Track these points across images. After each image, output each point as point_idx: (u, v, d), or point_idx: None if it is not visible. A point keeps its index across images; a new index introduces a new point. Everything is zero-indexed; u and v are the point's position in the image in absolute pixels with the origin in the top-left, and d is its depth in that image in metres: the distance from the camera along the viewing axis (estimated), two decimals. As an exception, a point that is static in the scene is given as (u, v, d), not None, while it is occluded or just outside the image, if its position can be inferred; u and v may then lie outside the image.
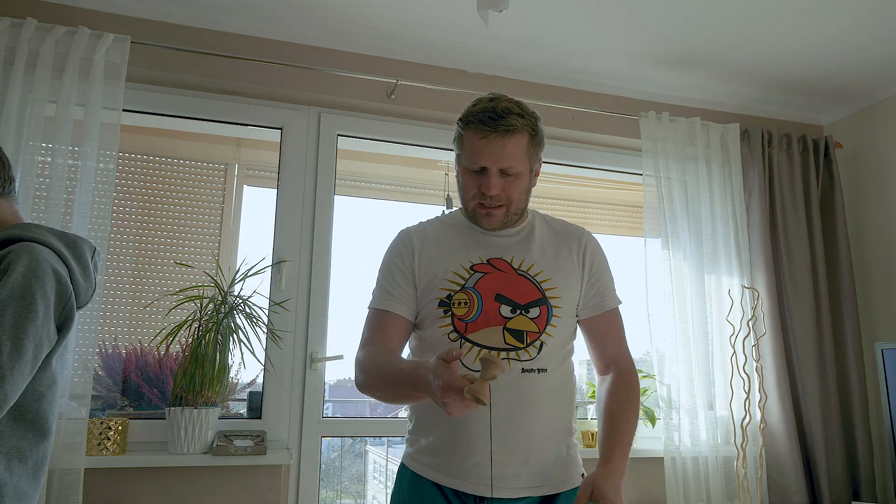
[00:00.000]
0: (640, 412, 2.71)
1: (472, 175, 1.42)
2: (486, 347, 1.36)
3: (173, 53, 2.39)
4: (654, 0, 2.37)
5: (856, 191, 3.18)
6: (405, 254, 1.48)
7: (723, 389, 2.74)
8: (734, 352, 2.73)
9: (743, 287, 2.82)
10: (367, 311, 1.49)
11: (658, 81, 2.99)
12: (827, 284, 2.98)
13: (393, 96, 2.63)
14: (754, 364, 2.75)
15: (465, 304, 1.39)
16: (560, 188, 3.17)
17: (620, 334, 1.53)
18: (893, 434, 2.58)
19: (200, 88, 2.52)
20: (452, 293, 1.41)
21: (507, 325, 1.38)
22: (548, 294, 1.42)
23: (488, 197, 1.40)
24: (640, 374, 2.71)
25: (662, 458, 2.63)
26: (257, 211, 2.67)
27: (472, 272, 1.43)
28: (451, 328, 1.39)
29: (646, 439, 2.79)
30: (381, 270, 1.52)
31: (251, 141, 2.77)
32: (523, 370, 1.37)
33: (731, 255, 2.86)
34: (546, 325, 1.40)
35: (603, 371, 1.53)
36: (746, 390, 2.70)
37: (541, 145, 1.45)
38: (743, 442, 2.64)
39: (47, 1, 2.33)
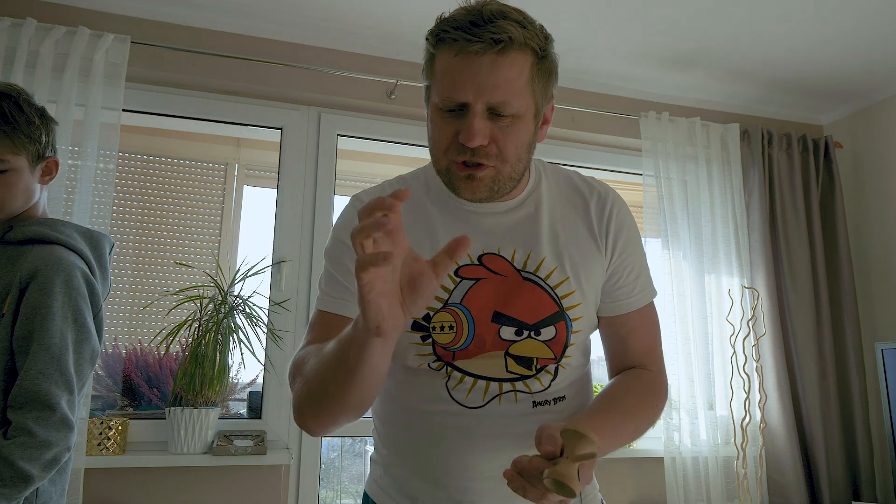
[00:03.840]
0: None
1: (447, 118, 0.95)
2: (480, 378, 0.99)
3: (173, 53, 2.39)
4: (654, 0, 2.38)
5: (856, 191, 3.18)
6: None
7: (723, 389, 2.74)
8: (734, 352, 2.73)
9: (743, 287, 2.82)
10: (314, 311, 1.06)
11: (658, 81, 2.99)
12: (827, 284, 2.98)
13: (393, 96, 2.63)
14: (754, 364, 2.75)
15: (451, 327, 0.98)
16: (560, 188, 3.17)
17: (652, 337, 1.11)
18: (893, 434, 2.58)
19: (200, 88, 2.52)
20: (432, 313, 0.99)
21: (509, 350, 0.99)
22: (565, 304, 1.01)
23: (469, 150, 0.93)
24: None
25: (662, 458, 2.63)
26: (257, 211, 2.68)
27: (459, 278, 1.00)
28: (434, 357, 1.00)
29: (646, 439, 2.78)
30: (328, 254, 1.06)
31: (251, 141, 2.78)
32: (535, 403, 1.01)
33: (731, 255, 2.86)
34: (565, 348, 1.02)
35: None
36: (746, 390, 2.70)
37: (551, 77, 1.01)
38: (743, 442, 2.64)
39: (47, 1, 2.33)
